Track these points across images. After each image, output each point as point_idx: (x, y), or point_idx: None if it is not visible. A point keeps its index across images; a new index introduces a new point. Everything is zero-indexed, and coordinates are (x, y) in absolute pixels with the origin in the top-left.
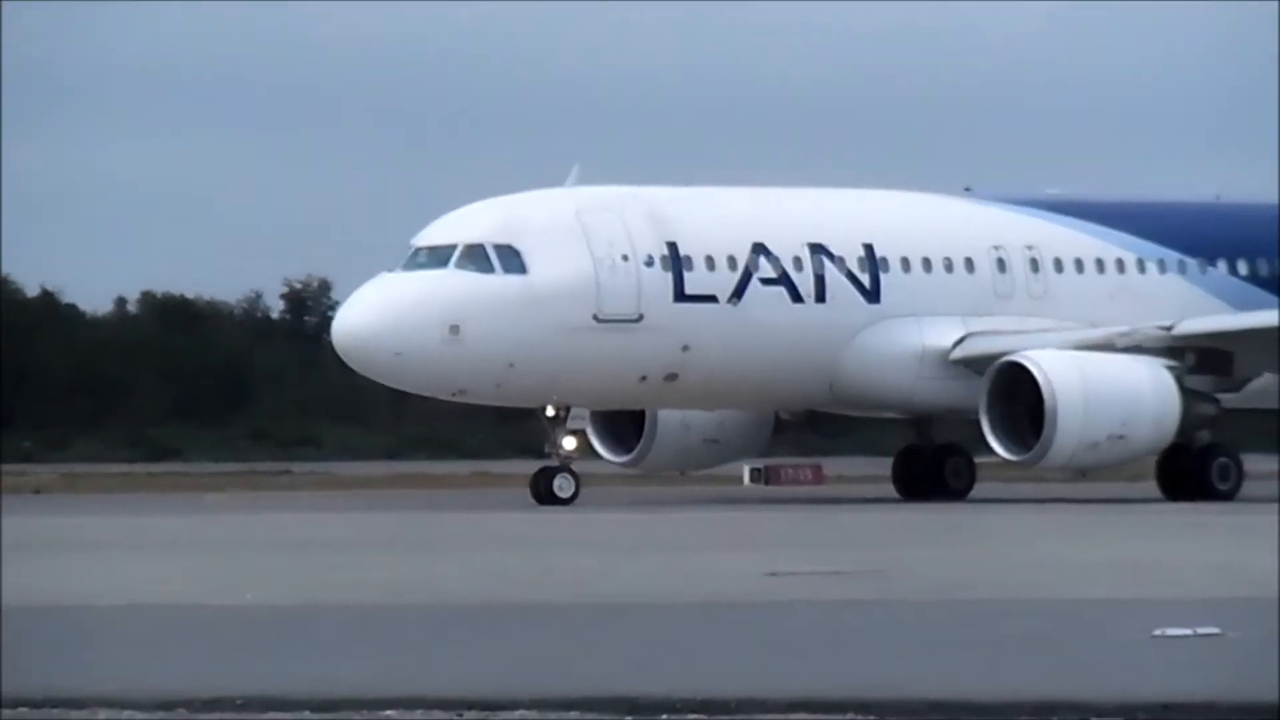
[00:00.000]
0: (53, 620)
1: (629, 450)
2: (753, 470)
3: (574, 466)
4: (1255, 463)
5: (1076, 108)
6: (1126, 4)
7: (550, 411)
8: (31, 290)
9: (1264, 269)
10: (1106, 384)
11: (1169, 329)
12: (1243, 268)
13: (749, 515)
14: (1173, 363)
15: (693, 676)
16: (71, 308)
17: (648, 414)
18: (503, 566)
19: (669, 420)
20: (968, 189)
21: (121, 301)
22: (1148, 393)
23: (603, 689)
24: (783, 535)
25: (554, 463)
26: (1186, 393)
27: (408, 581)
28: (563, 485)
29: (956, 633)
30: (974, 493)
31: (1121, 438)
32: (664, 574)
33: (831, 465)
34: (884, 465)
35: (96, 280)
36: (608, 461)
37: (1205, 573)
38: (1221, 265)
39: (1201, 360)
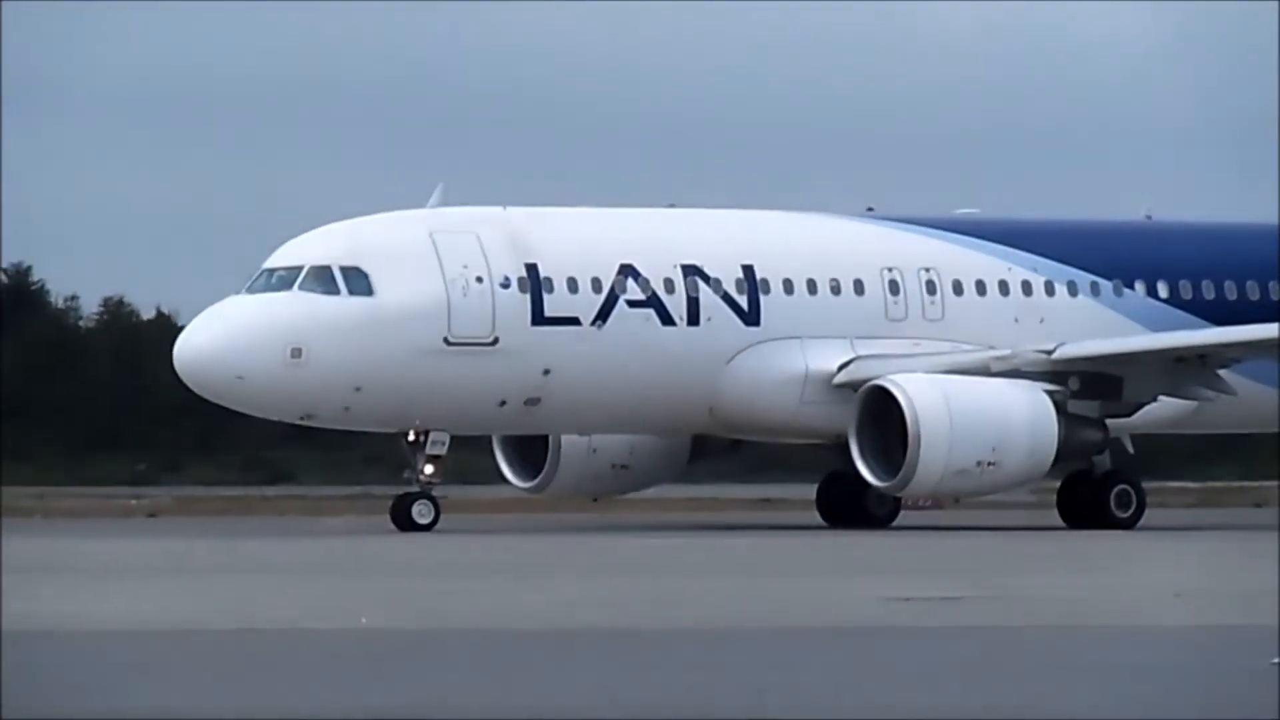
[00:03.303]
0: (174, 644)
1: (536, 475)
2: None
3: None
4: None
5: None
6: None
7: (410, 436)
8: (147, 313)
9: (1187, 291)
10: (975, 409)
11: (1049, 352)
12: (1163, 290)
13: (867, 540)
14: (1054, 387)
15: (815, 700)
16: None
17: (550, 438)
18: (622, 591)
19: (574, 445)
20: (870, 209)
21: None
22: (1020, 418)
23: (723, 713)
24: (901, 560)
25: (414, 488)
26: (1070, 418)
27: (525, 606)
28: (422, 512)
29: (1076, 659)
30: (899, 520)
31: (993, 464)
32: (785, 598)
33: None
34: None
35: (211, 301)
36: (513, 485)
37: None
38: (1139, 287)
39: (1087, 385)
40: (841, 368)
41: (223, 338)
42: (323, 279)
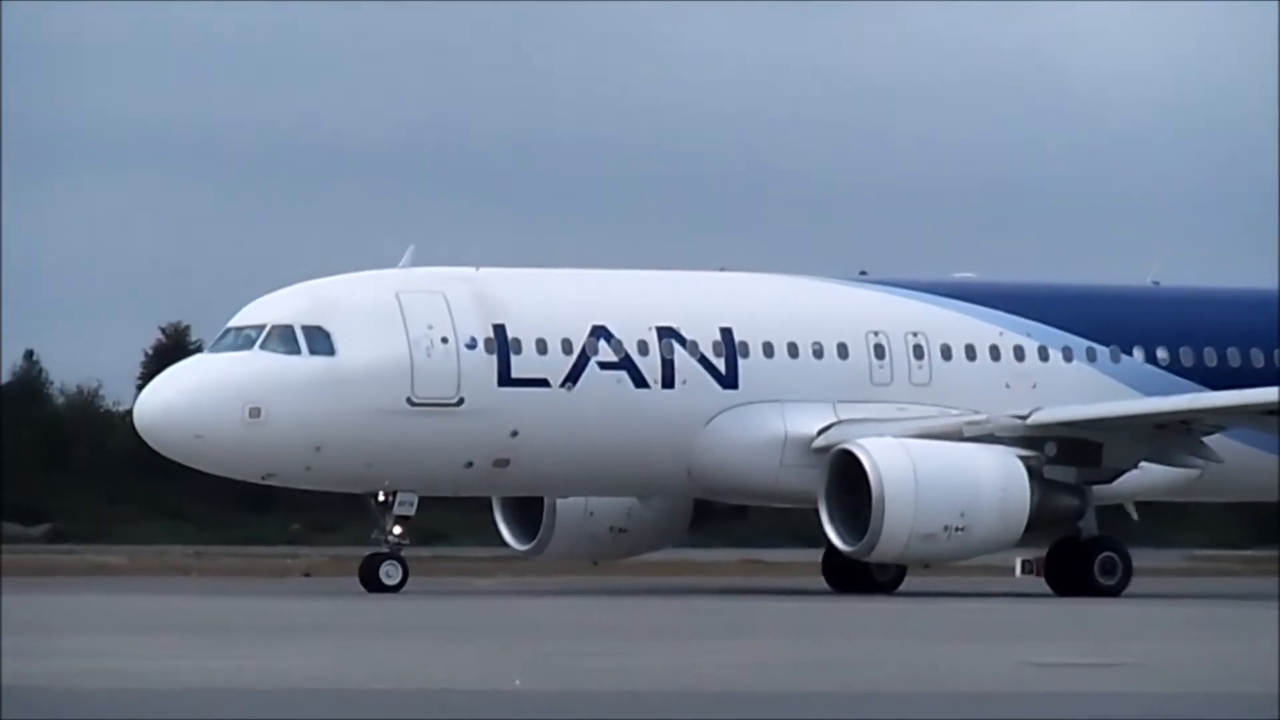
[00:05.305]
0: (324, 704)
1: (535, 536)
2: (1024, 561)
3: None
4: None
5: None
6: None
7: (379, 497)
8: None
9: (1189, 358)
10: (942, 473)
11: (1024, 417)
12: (1163, 356)
13: (1006, 605)
14: (1029, 453)
15: None
16: None
17: (545, 500)
18: (758, 654)
19: (570, 507)
20: (863, 273)
21: None
22: (991, 483)
23: None
24: (1041, 625)
25: (383, 549)
26: (1045, 484)
27: (672, 668)
28: (389, 572)
29: None
30: (904, 586)
31: (961, 529)
32: (922, 662)
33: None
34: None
35: None
36: (511, 549)
37: None
38: (1138, 353)
39: (1064, 450)
40: (822, 432)
41: (181, 396)
42: (285, 338)
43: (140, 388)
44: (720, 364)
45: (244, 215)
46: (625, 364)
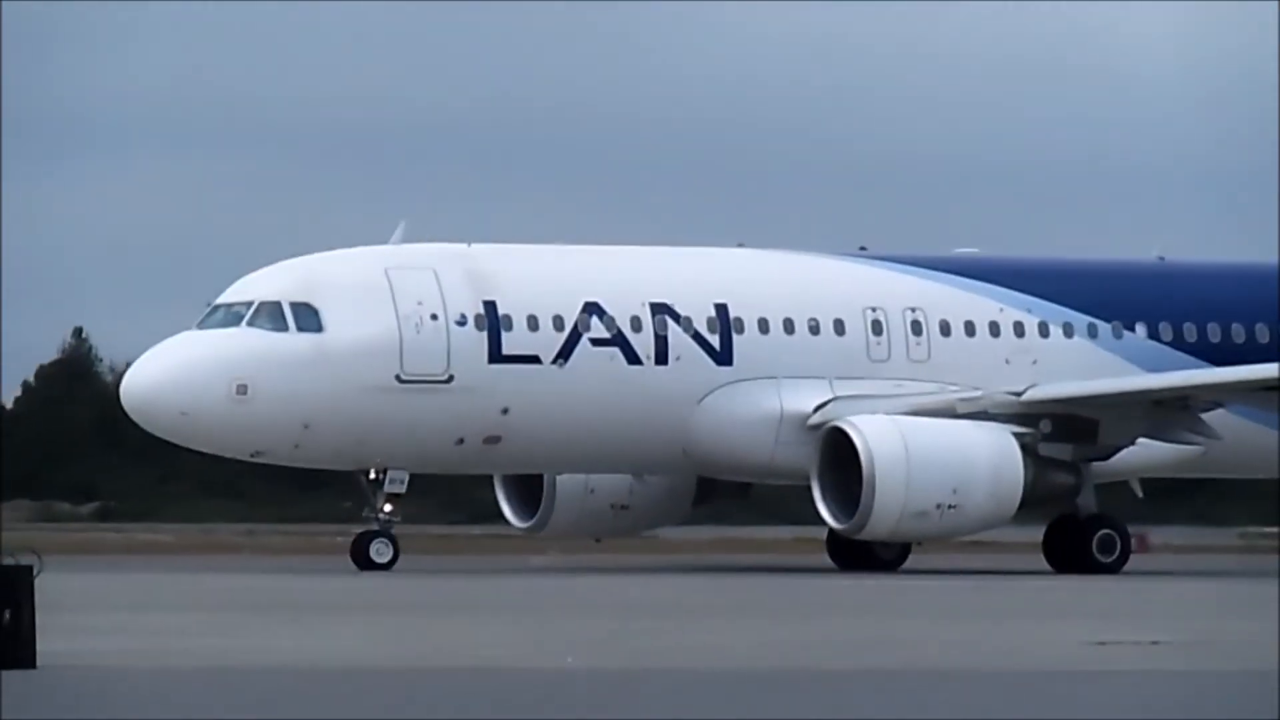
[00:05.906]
0: (373, 683)
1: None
2: None
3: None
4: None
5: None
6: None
7: (370, 474)
8: None
9: (1192, 334)
10: (934, 451)
11: (1019, 394)
12: (1166, 333)
13: (1069, 584)
14: (1024, 430)
15: None
16: None
17: (545, 477)
18: (812, 633)
19: (571, 484)
20: (862, 248)
21: None
22: (983, 460)
23: None
24: (1103, 605)
25: (374, 527)
26: (1040, 461)
27: (732, 646)
28: (380, 550)
29: None
30: (908, 564)
31: (954, 507)
32: (985, 642)
33: None
34: None
35: None
36: (513, 526)
37: None
38: (1140, 329)
39: (1059, 427)
40: (818, 409)
41: (167, 373)
42: (272, 315)
43: None
44: (715, 340)
45: (290, 191)
46: (618, 340)
